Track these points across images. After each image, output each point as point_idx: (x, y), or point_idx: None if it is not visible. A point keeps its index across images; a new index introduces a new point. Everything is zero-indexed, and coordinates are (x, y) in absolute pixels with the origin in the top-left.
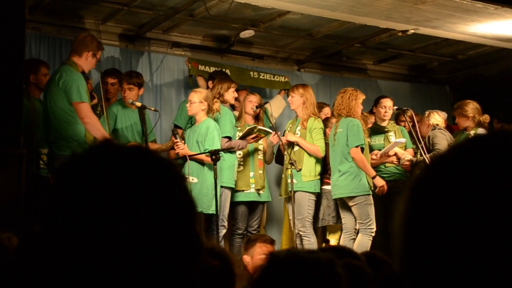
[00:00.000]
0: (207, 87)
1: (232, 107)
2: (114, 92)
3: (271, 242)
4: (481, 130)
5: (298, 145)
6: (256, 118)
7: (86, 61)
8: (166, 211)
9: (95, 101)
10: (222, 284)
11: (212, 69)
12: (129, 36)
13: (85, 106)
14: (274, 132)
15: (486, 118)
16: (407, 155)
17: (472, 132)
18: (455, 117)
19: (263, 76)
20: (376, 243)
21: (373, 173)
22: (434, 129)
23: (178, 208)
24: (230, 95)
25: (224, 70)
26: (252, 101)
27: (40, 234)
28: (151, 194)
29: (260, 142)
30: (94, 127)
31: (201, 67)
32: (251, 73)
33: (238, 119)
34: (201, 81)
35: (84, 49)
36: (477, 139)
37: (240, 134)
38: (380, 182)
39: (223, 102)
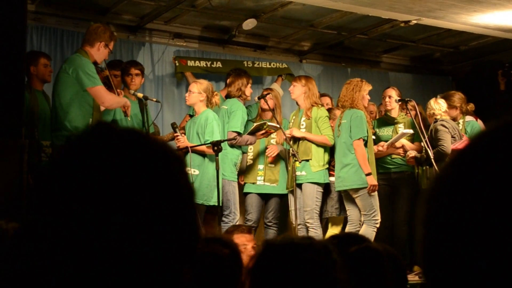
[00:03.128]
0: (226, 84)
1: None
2: (117, 84)
3: (249, 231)
4: (468, 118)
5: (307, 139)
6: (272, 111)
7: (98, 52)
8: (164, 197)
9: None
10: (231, 272)
11: (202, 63)
12: (131, 27)
13: (100, 90)
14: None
15: (471, 107)
16: (412, 151)
17: (461, 121)
18: None
19: (258, 64)
20: (380, 234)
21: (369, 170)
22: (436, 121)
23: (177, 193)
24: (249, 90)
25: (215, 63)
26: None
27: (33, 225)
28: (149, 178)
29: (273, 136)
30: (115, 103)
31: (190, 63)
32: (245, 63)
33: (256, 115)
34: (190, 77)
35: (96, 40)
36: (498, 133)
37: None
38: (372, 181)
39: (245, 99)
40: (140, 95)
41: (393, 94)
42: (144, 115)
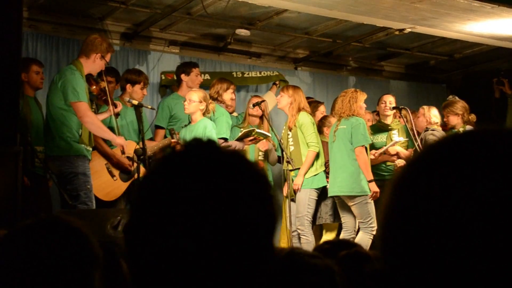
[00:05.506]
0: (179, 81)
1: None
2: (110, 91)
3: None
4: (469, 127)
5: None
6: (261, 118)
7: (93, 63)
8: (252, 219)
9: (119, 108)
10: None
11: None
12: (127, 34)
13: (82, 105)
14: (270, 136)
15: (473, 117)
16: (400, 161)
17: (461, 129)
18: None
19: (248, 74)
20: (376, 241)
21: (371, 177)
22: (427, 130)
23: (262, 217)
24: (228, 95)
25: (204, 75)
26: (253, 102)
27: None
28: (240, 200)
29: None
30: (94, 125)
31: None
32: (234, 73)
33: (243, 121)
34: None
35: (93, 51)
36: (461, 135)
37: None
38: (374, 187)
39: (221, 102)
40: (135, 102)
41: (392, 100)
42: (140, 122)
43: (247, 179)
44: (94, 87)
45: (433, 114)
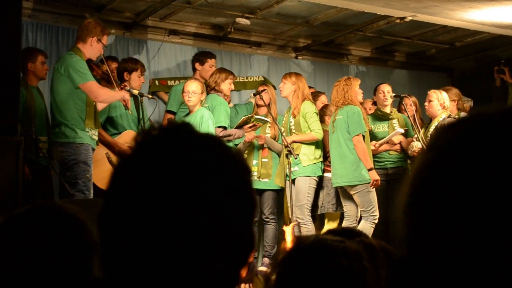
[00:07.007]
0: (194, 69)
1: None
2: (114, 74)
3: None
4: (463, 114)
5: (296, 141)
6: (268, 107)
7: (91, 48)
8: (230, 205)
9: (127, 88)
10: None
11: (183, 81)
12: (126, 24)
13: (92, 84)
14: (269, 122)
15: (466, 105)
16: (418, 144)
17: (456, 117)
18: None
19: (236, 79)
20: (377, 230)
21: (371, 165)
22: (450, 116)
23: (240, 204)
24: (226, 86)
25: None
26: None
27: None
28: (219, 185)
29: (266, 131)
30: (109, 97)
31: (170, 83)
32: None
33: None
34: (165, 96)
35: (88, 35)
36: (483, 115)
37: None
38: (374, 176)
39: (218, 91)
40: (135, 91)
41: (389, 89)
42: (140, 112)
43: (225, 164)
44: (98, 71)
45: (446, 98)
